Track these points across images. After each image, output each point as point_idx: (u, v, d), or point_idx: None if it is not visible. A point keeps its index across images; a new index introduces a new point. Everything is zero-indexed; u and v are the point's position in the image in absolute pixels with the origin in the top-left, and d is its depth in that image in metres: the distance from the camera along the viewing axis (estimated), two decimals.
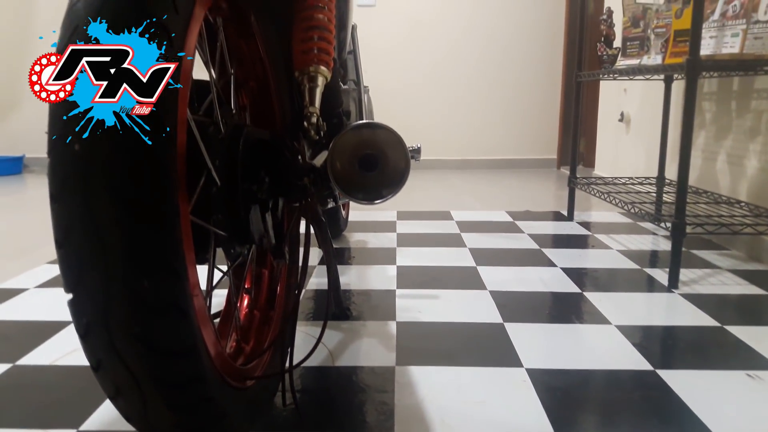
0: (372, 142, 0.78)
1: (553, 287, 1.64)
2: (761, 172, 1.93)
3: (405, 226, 2.43)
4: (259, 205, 0.79)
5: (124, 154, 0.56)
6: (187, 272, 0.60)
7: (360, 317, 1.41)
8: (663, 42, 1.90)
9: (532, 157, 4.55)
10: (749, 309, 1.48)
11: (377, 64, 4.31)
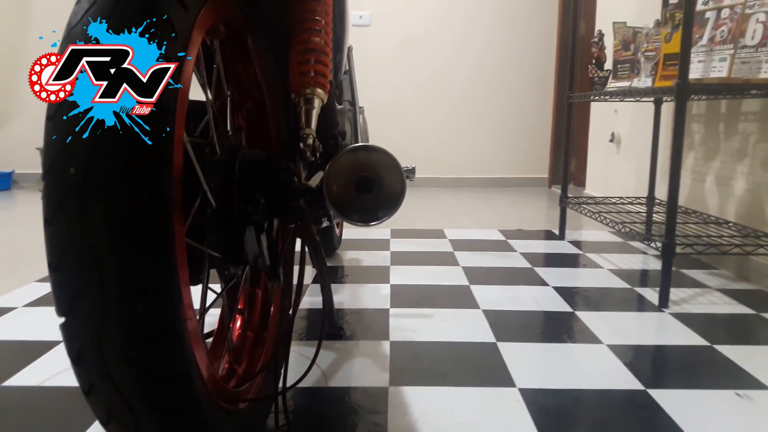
0: (368, 165, 0.79)
1: (545, 306, 1.64)
2: (748, 193, 1.95)
3: (399, 245, 2.44)
4: (254, 226, 0.80)
5: (119, 178, 0.57)
6: (181, 295, 0.61)
7: (353, 336, 1.41)
8: (653, 65, 1.94)
9: (524, 175, 4.59)
10: (738, 328, 1.49)
11: (372, 83, 4.34)
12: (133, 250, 0.57)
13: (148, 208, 0.58)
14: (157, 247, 0.58)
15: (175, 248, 0.61)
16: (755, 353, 1.32)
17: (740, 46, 1.67)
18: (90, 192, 0.56)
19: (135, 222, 0.57)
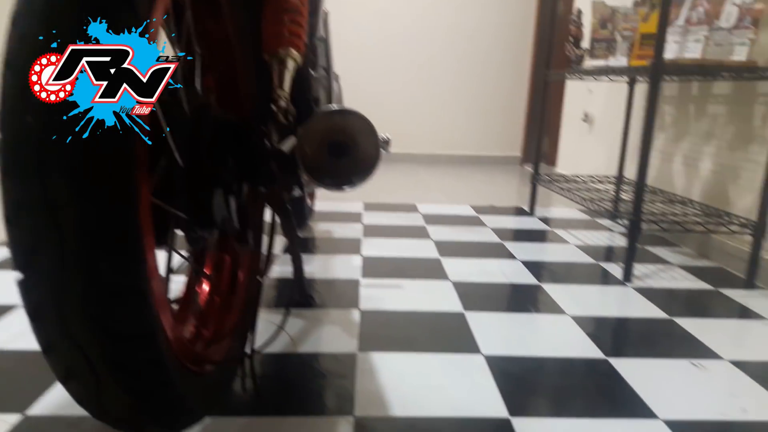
0: (343, 129, 0.78)
1: (512, 279, 1.67)
2: (714, 174, 1.99)
3: (371, 218, 2.44)
4: (222, 188, 0.79)
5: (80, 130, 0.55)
6: (145, 254, 0.60)
7: (323, 305, 1.42)
8: (629, 44, 1.95)
9: (498, 154, 4.61)
10: (696, 303, 1.54)
11: (348, 56, 4.30)
12: (94, 205, 0.56)
13: (110, 162, 0.56)
14: (119, 202, 0.57)
15: (139, 205, 0.59)
16: (711, 326, 1.37)
17: (715, 27, 1.69)
18: (49, 144, 0.54)
19: (96, 176, 0.55)
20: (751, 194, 1.80)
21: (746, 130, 1.84)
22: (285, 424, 0.92)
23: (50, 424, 0.90)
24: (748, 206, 1.81)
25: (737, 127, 1.88)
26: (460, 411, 0.96)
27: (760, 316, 1.45)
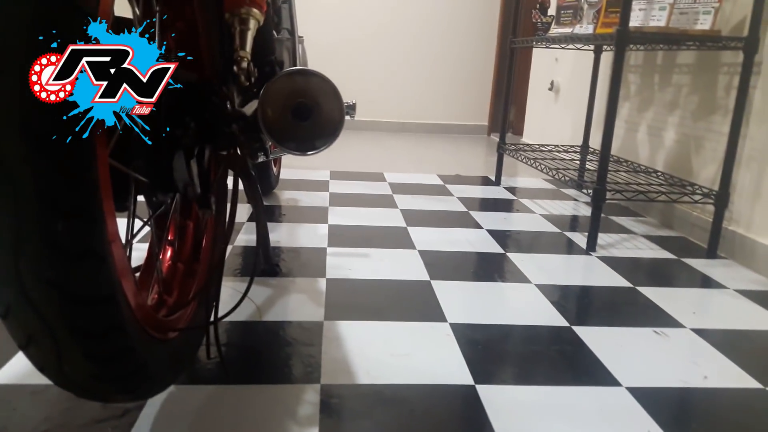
0: (306, 91, 0.76)
1: (478, 248, 1.68)
2: (677, 144, 2.02)
3: (338, 186, 2.42)
4: (183, 151, 0.76)
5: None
6: (104, 217, 0.58)
7: (289, 274, 1.40)
8: (595, 12, 1.95)
9: (465, 123, 4.60)
10: (659, 272, 1.57)
11: (313, 21, 4.20)
12: (49, 165, 0.54)
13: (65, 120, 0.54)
14: (76, 162, 0.55)
15: (97, 166, 0.57)
16: (674, 295, 1.40)
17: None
18: (2, 102, 0.52)
19: (51, 135, 0.53)
20: (714, 164, 1.84)
21: (709, 100, 1.86)
22: (251, 392, 0.91)
23: (14, 393, 0.87)
24: (711, 176, 1.84)
25: (701, 97, 1.91)
26: (426, 378, 0.96)
27: (721, 285, 1.48)
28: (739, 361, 1.08)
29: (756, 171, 1.65)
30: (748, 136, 1.68)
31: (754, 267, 1.61)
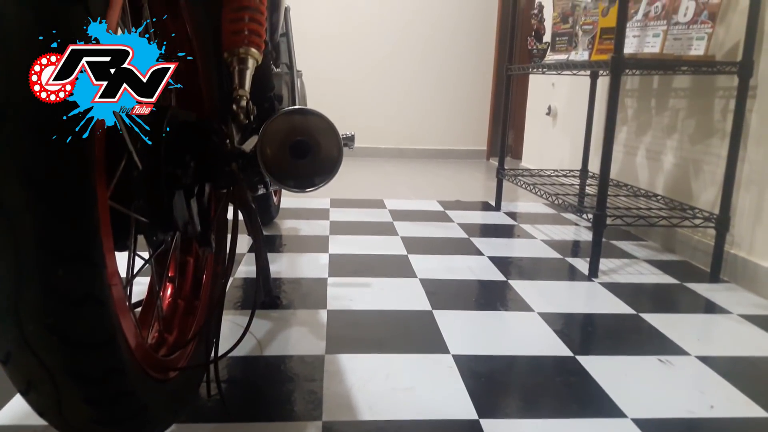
0: (304, 129, 0.76)
1: (480, 275, 1.67)
2: (676, 168, 2.03)
3: (338, 214, 2.42)
4: (183, 190, 0.77)
5: (31, 130, 0.53)
6: (104, 260, 0.58)
7: (290, 306, 1.40)
8: (590, 39, 1.97)
9: (463, 147, 4.63)
10: (662, 297, 1.56)
11: (313, 50, 4.25)
12: (50, 211, 0.54)
13: (66, 166, 0.54)
14: (76, 208, 0.55)
15: (97, 210, 0.57)
16: (677, 321, 1.39)
17: (673, 22, 1.72)
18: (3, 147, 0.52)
19: (52, 181, 0.53)
20: (713, 188, 1.84)
21: (707, 124, 1.87)
22: (253, 430, 0.90)
23: None
24: (712, 199, 1.84)
25: (698, 120, 1.92)
26: (429, 414, 0.95)
27: (725, 310, 1.47)
28: (745, 390, 1.07)
29: (756, 194, 1.65)
30: (746, 159, 1.68)
31: (757, 290, 1.60)
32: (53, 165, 0.54)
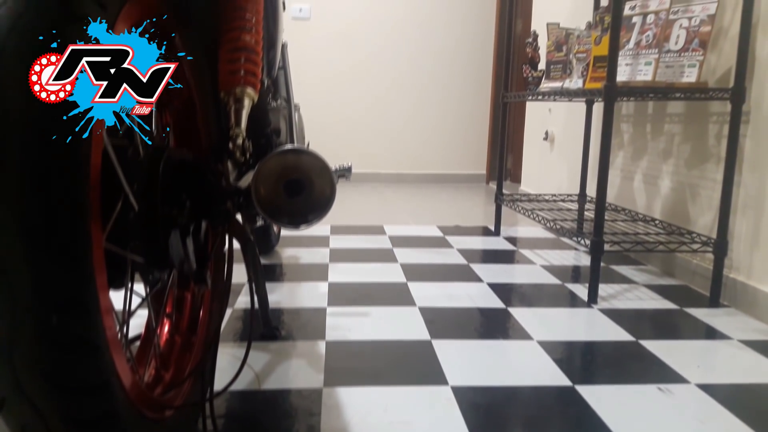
0: (297, 168, 0.78)
1: (479, 303, 1.67)
2: (673, 192, 2.04)
3: (338, 241, 2.43)
4: (179, 229, 0.77)
5: (31, 179, 0.54)
6: (99, 304, 0.58)
7: (289, 337, 1.40)
8: (584, 66, 1.99)
9: (463, 172, 4.65)
10: (662, 323, 1.56)
11: (312, 76, 4.30)
12: (45, 258, 0.55)
13: (61, 213, 0.55)
14: (71, 254, 0.56)
15: (92, 255, 0.58)
16: (677, 348, 1.39)
17: (665, 50, 1.74)
18: None
19: (47, 228, 0.54)
20: (710, 212, 1.85)
21: (702, 149, 1.88)
22: None
23: None
24: (709, 224, 1.85)
25: (693, 145, 1.93)
26: None
27: (725, 335, 1.47)
28: (746, 419, 1.06)
29: (752, 218, 1.65)
30: (741, 183, 1.69)
31: (757, 315, 1.60)
32: (48, 212, 0.55)
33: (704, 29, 1.67)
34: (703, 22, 1.67)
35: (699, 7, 1.69)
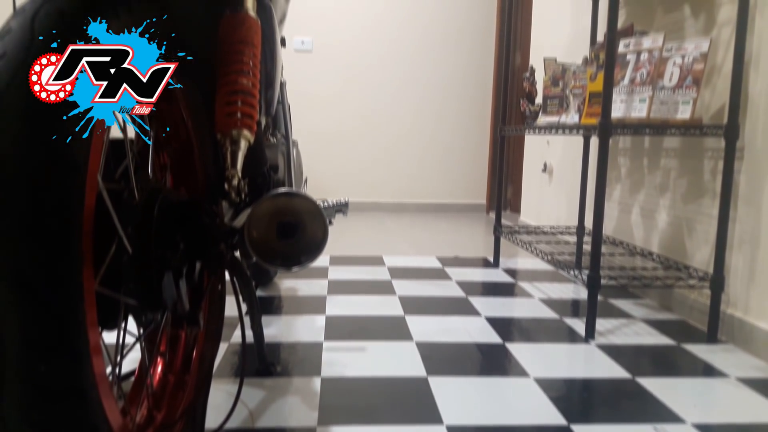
0: (290, 210, 0.79)
1: (476, 338, 1.67)
2: (670, 226, 2.05)
3: (337, 272, 2.43)
4: (172, 271, 0.78)
5: (20, 227, 0.54)
6: (89, 352, 0.59)
7: (284, 373, 1.39)
8: (580, 101, 2.02)
9: (464, 201, 4.67)
10: (659, 360, 1.55)
11: (314, 108, 4.35)
12: (34, 308, 0.55)
13: (51, 262, 0.56)
14: (61, 303, 0.56)
15: (83, 302, 0.59)
16: (674, 385, 1.38)
17: (659, 87, 1.77)
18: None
19: (37, 277, 0.55)
20: (707, 247, 1.85)
21: (697, 184, 1.90)
22: None
23: None
24: (706, 259, 1.85)
25: (689, 180, 1.94)
26: None
27: (722, 373, 1.46)
28: None
29: (749, 254, 1.66)
30: (737, 219, 1.70)
31: (754, 351, 1.59)
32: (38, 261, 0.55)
33: (697, 67, 1.69)
34: (696, 60, 1.70)
35: (692, 45, 1.72)
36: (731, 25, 1.72)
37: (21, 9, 0.58)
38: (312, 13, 4.24)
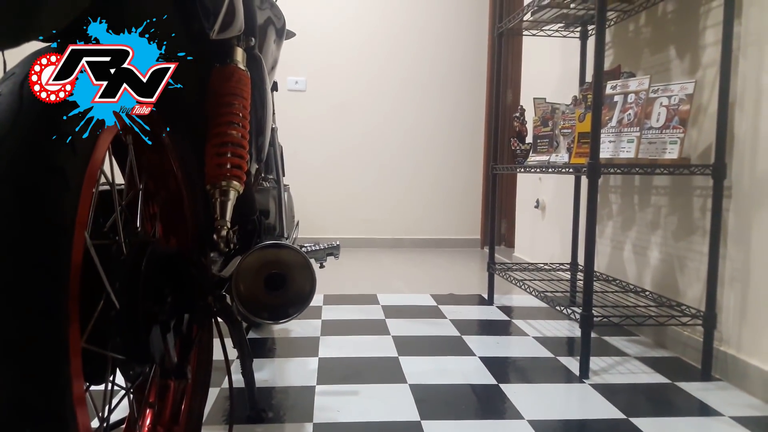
0: (276, 262, 0.79)
1: (471, 379, 1.66)
2: (662, 263, 2.05)
3: (331, 312, 2.42)
4: (160, 324, 0.78)
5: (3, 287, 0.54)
6: (75, 414, 0.58)
7: (275, 419, 1.38)
8: (570, 141, 2.05)
9: (458, 237, 4.68)
10: (654, 399, 1.54)
11: (308, 145, 4.39)
12: (19, 371, 0.55)
13: (35, 327, 0.56)
14: (45, 368, 0.56)
15: (69, 364, 0.59)
16: (668, 425, 1.37)
17: (646, 127, 1.79)
18: None
19: (21, 342, 0.55)
20: (699, 284, 1.86)
21: (687, 221, 1.91)
22: None
23: None
24: (698, 296, 1.85)
25: (679, 217, 1.96)
26: None
27: (716, 412, 1.46)
28: None
29: (739, 291, 1.66)
30: (727, 256, 1.71)
31: (747, 389, 1.58)
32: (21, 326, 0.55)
33: (683, 107, 1.73)
34: (682, 101, 1.73)
35: (677, 87, 1.75)
36: (716, 66, 1.76)
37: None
38: (306, 50, 4.30)
